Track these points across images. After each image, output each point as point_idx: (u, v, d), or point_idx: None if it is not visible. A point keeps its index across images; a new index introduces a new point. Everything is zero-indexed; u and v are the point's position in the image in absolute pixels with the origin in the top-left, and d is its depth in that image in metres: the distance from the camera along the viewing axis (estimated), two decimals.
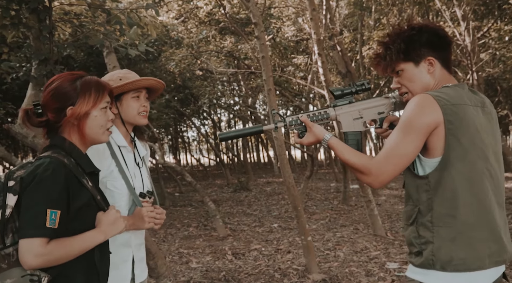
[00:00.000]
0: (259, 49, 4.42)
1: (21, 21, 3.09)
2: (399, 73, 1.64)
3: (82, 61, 8.46)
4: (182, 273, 4.83)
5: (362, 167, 1.55)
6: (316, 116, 1.77)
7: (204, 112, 18.83)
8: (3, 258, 1.38)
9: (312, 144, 1.76)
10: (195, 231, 7.43)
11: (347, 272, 4.44)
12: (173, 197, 12.29)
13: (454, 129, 1.44)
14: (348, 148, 1.66)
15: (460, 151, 1.45)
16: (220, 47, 10.69)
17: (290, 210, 8.71)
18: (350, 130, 1.75)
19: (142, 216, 1.88)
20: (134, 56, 3.43)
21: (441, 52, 1.60)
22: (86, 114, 1.55)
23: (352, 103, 1.77)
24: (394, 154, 1.49)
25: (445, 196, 1.47)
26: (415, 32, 1.59)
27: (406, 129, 1.47)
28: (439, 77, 1.60)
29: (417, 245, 1.53)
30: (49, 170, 1.41)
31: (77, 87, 1.55)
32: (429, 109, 1.44)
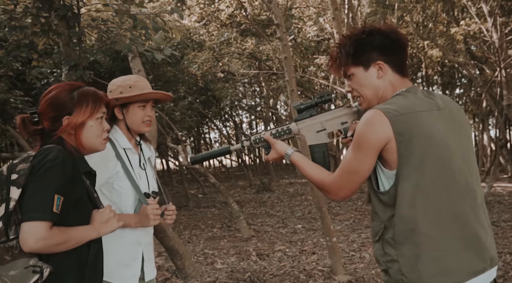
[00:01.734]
0: (282, 50, 4.43)
1: (51, 28, 3.19)
2: (351, 77, 1.59)
3: (108, 66, 8.64)
4: (207, 274, 4.87)
5: (322, 184, 1.58)
6: (279, 132, 1.80)
7: (226, 114, 18.93)
8: (6, 250, 1.42)
9: (276, 160, 1.80)
10: (219, 232, 7.48)
11: (373, 274, 4.40)
12: (197, 198, 12.40)
13: (404, 141, 1.38)
14: (309, 163, 1.67)
15: (414, 162, 1.39)
16: (242, 49, 10.74)
17: (313, 211, 8.68)
18: (314, 143, 1.74)
19: (147, 214, 1.94)
20: (160, 60, 3.50)
21: (392, 56, 1.53)
22: (82, 124, 1.60)
23: (314, 116, 1.77)
24: (348, 171, 1.50)
25: (403, 210, 1.40)
26: (365, 36, 1.53)
27: (357, 147, 1.45)
28: (391, 82, 1.54)
29: (383, 263, 1.48)
30: (58, 157, 1.47)
31: (74, 98, 1.60)
32: (377, 126, 1.40)
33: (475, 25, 9.18)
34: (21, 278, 1.41)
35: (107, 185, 1.96)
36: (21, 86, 8.04)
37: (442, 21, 11.33)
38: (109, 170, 1.96)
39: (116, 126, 2.07)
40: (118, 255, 1.95)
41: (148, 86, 2.06)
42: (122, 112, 2.03)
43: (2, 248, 1.42)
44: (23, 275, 1.41)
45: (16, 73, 7.30)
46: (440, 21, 11.15)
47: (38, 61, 5.56)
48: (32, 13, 3.24)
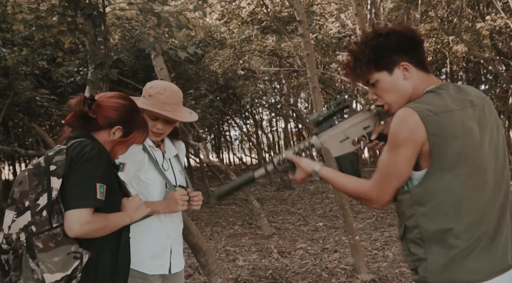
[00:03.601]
0: (304, 47, 4.40)
1: (77, 27, 3.24)
2: (375, 84, 1.52)
3: (131, 65, 8.76)
4: (229, 271, 4.89)
5: (361, 194, 1.52)
6: (302, 149, 1.72)
7: (246, 112, 18.95)
8: (51, 238, 1.49)
9: (304, 179, 1.70)
10: (241, 229, 7.50)
11: (397, 273, 4.34)
12: None
13: (438, 142, 1.34)
14: (341, 175, 1.61)
15: (446, 163, 1.35)
16: (263, 46, 10.72)
17: (334, 208, 8.61)
18: (340, 154, 1.67)
19: (176, 199, 1.98)
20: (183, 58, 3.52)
21: (413, 55, 1.49)
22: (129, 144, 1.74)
23: (334, 126, 1.69)
24: (387, 175, 1.44)
25: (431, 209, 1.37)
26: (382, 39, 1.47)
27: (394, 149, 1.40)
28: (417, 80, 1.48)
29: (410, 263, 1.46)
30: (95, 149, 1.56)
31: (135, 118, 1.72)
32: (412, 125, 1.35)
33: (501, 20, 8.93)
34: (64, 264, 1.49)
35: (135, 177, 2.01)
36: (47, 84, 8.22)
37: (467, 16, 11.07)
38: (137, 162, 2.01)
39: None
40: (149, 247, 2.01)
41: (169, 102, 2.00)
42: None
43: (47, 235, 1.50)
44: (66, 260, 1.49)
45: (41, 72, 7.46)
46: (465, 16, 10.89)
47: (63, 59, 5.67)
48: (58, 12, 3.29)
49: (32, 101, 7.68)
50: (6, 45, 6.78)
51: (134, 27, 4.19)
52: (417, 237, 1.40)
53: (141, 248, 1.97)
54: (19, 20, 4.17)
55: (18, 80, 7.25)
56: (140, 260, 1.96)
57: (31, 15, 3.51)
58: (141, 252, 1.97)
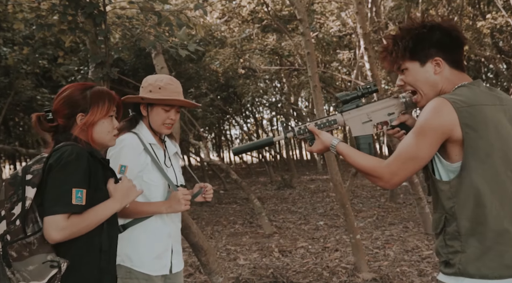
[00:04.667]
0: (304, 46, 4.39)
1: (78, 26, 3.24)
2: (404, 71, 1.57)
3: (131, 63, 8.75)
4: (230, 270, 4.89)
5: (373, 170, 1.54)
6: (324, 123, 1.76)
7: (247, 111, 18.95)
8: (24, 247, 1.50)
9: (321, 151, 1.75)
10: (241, 228, 7.50)
11: (399, 272, 4.34)
12: (218, 194, 12.47)
13: (471, 133, 1.37)
14: (357, 152, 1.64)
15: (479, 155, 1.38)
16: (263, 45, 10.71)
17: (335, 207, 8.61)
18: (360, 134, 1.72)
19: (179, 199, 1.98)
20: (184, 56, 3.51)
21: (451, 53, 1.51)
22: (96, 121, 1.70)
23: (360, 107, 1.74)
24: (405, 157, 1.46)
25: (469, 202, 1.40)
26: (426, 31, 1.51)
27: (420, 133, 1.42)
28: (449, 78, 1.52)
29: (444, 255, 1.47)
30: (73, 154, 1.55)
31: (87, 96, 1.69)
32: (444, 113, 1.38)
33: (502, 19, 8.91)
34: (40, 273, 1.49)
35: (138, 178, 2.01)
36: (47, 84, 8.22)
37: (468, 15, 11.05)
38: (140, 163, 2.01)
39: (141, 122, 2.13)
40: (152, 248, 2.01)
41: (178, 90, 2.08)
42: (147, 110, 2.09)
43: (20, 244, 1.50)
44: (41, 269, 1.49)
45: (42, 71, 7.46)
46: (466, 14, 10.87)
47: (64, 58, 5.66)
48: (59, 11, 3.29)
49: (33, 101, 7.68)
50: (6, 44, 6.78)
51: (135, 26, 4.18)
52: (455, 230, 1.43)
53: (145, 250, 1.98)
54: (19, 19, 4.16)
55: (19, 80, 7.25)
56: (144, 261, 1.96)
57: (31, 14, 3.51)
58: (144, 254, 1.97)
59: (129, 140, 2.00)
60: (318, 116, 4.37)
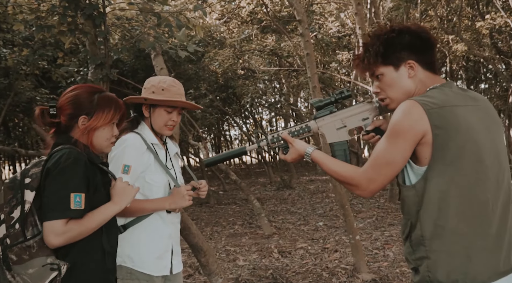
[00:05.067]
0: (304, 47, 4.39)
1: (78, 27, 3.24)
2: (379, 77, 1.55)
3: (131, 64, 8.75)
4: (230, 271, 4.89)
5: (350, 179, 1.50)
6: (297, 131, 1.74)
7: (246, 111, 18.95)
8: (24, 250, 1.50)
9: (295, 160, 1.72)
10: (241, 229, 7.50)
11: (398, 272, 4.34)
12: (217, 195, 12.47)
13: (441, 135, 1.35)
14: (332, 160, 1.61)
15: (448, 156, 1.35)
16: (262, 46, 10.72)
17: (335, 208, 8.62)
18: (335, 141, 1.70)
19: (183, 194, 1.99)
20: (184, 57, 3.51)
21: (423, 55, 1.50)
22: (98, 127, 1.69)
23: (334, 113, 1.72)
24: (381, 163, 1.43)
25: (433, 206, 1.36)
26: (395, 35, 1.50)
27: (393, 138, 1.39)
28: (423, 80, 1.50)
29: (412, 261, 1.44)
30: (70, 158, 1.55)
31: (94, 100, 1.69)
32: (415, 116, 1.35)
33: (501, 19, 8.93)
34: (40, 276, 1.50)
35: (140, 178, 2.02)
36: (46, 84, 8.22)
37: (467, 15, 11.07)
38: (143, 163, 2.02)
39: (143, 122, 2.14)
40: (154, 248, 2.02)
41: (181, 92, 2.09)
42: (149, 111, 2.09)
43: (20, 248, 1.51)
44: (42, 272, 1.50)
45: (42, 72, 7.46)
46: (465, 15, 10.90)
47: (63, 60, 5.67)
48: (58, 13, 3.29)
49: (33, 101, 7.68)
50: (6, 45, 6.78)
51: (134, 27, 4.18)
52: (419, 234, 1.40)
53: (145, 250, 1.99)
54: (19, 20, 4.17)
55: (19, 81, 7.25)
56: (145, 262, 1.97)
57: (31, 16, 3.51)
58: (145, 254, 1.98)
59: (132, 140, 2.01)
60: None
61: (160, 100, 2.02)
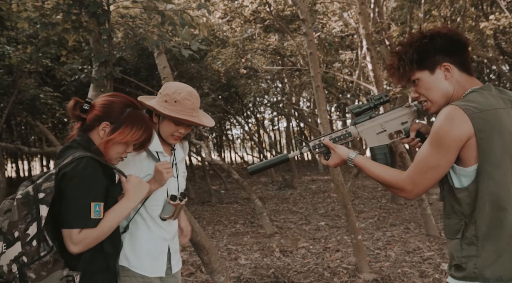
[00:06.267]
0: (307, 46, 4.39)
1: (82, 25, 3.25)
2: (416, 82, 1.60)
3: (134, 63, 8.76)
4: (231, 269, 4.89)
5: (395, 182, 1.56)
6: (339, 137, 1.79)
7: (248, 111, 18.95)
8: (42, 267, 1.49)
9: (338, 164, 1.77)
10: (242, 228, 7.50)
11: (400, 273, 4.34)
12: (219, 194, 12.48)
13: (485, 138, 1.39)
14: (376, 164, 1.66)
15: (494, 160, 1.40)
16: (265, 45, 10.71)
17: (336, 208, 8.61)
18: (375, 145, 1.75)
19: (160, 170, 1.96)
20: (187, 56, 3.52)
21: (457, 57, 1.55)
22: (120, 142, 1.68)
23: (373, 118, 1.77)
24: (425, 167, 1.48)
25: (487, 207, 1.42)
26: (427, 40, 1.55)
27: (437, 144, 1.44)
28: (460, 81, 1.54)
29: (457, 259, 1.49)
30: (88, 167, 1.55)
31: (125, 113, 1.69)
32: (458, 122, 1.40)
33: (505, 20, 8.90)
34: None
35: None
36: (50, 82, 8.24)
37: (470, 16, 11.04)
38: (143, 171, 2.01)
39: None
40: (149, 250, 2.02)
41: (194, 107, 2.02)
42: (158, 119, 2.06)
43: (38, 264, 1.49)
44: None
45: (45, 70, 7.48)
46: (468, 15, 10.87)
47: (67, 57, 5.68)
48: (63, 10, 3.30)
49: (36, 99, 7.69)
50: (10, 43, 6.80)
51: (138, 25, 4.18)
52: (473, 234, 1.45)
53: (142, 252, 2.00)
54: (23, 18, 4.18)
55: (22, 78, 7.27)
56: (140, 263, 1.98)
57: (35, 13, 3.52)
58: (140, 255, 1.99)
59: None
60: (320, 117, 4.36)
61: (166, 115, 1.96)
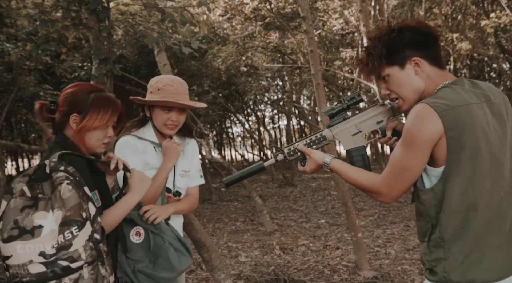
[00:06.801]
0: (308, 43, 4.38)
1: (81, 22, 3.24)
2: (386, 78, 1.54)
3: (134, 60, 8.75)
4: (232, 267, 4.90)
5: (371, 186, 1.51)
6: (313, 141, 1.74)
7: (249, 108, 18.94)
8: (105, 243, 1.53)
9: (314, 170, 1.72)
10: (243, 226, 7.51)
11: (400, 270, 4.34)
12: (220, 192, 12.48)
13: (456, 136, 1.34)
14: (352, 168, 1.61)
15: (464, 157, 1.34)
16: (266, 43, 10.69)
17: (337, 206, 8.62)
18: (352, 147, 1.70)
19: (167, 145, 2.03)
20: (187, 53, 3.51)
21: (427, 50, 1.48)
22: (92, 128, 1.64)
23: (347, 119, 1.72)
24: (399, 169, 1.42)
25: (452, 207, 1.37)
26: (395, 34, 1.48)
27: (409, 144, 1.38)
28: (431, 76, 1.48)
29: (427, 262, 1.45)
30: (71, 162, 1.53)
31: (89, 99, 1.65)
32: (428, 121, 1.34)
33: (506, 18, 8.88)
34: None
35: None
36: (50, 80, 8.23)
37: (471, 13, 11.02)
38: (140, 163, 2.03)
39: (149, 123, 2.14)
40: None
41: (179, 92, 2.04)
42: (150, 112, 2.10)
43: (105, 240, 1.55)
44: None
45: (45, 67, 7.47)
46: (469, 13, 10.84)
47: (67, 55, 5.67)
48: (62, 7, 3.29)
49: (36, 97, 7.69)
50: (10, 40, 6.78)
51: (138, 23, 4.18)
52: (439, 236, 1.40)
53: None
54: (23, 15, 4.17)
55: (22, 76, 7.26)
56: None
57: (35, 10, 3.52)
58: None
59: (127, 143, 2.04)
60: (321, 115, 4.35)
61: (148, 101, 2.02)
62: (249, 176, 1.82)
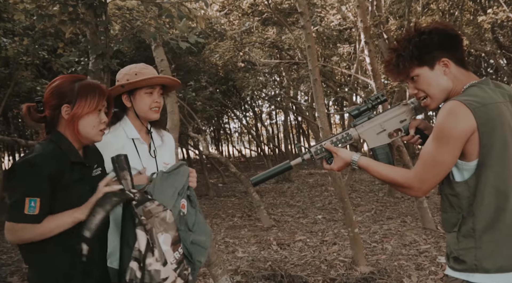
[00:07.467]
0: (305, 39, 4.38)
1: (79, 16, 3.23)
2: (414, 79, 1.61)
3: (131, 56, 8.72)
4: (229, 262, 4.91)
5: (402, 181, 1.57)
6: (339, 140, 1.80)
7: (246, 104, 18.93)
8: None
9: (342, 168, 1.77)
10: (240, 221, 7.53)
11: (396, 265, 4.37)
12: (217, 187, 12.50)
13: (487, 132, 1.42)
14: (380, 164, 1.68)
15: (495, 152, 1.43)
16: (263, 38, 10.67)
17: (334, 201, 8.64)
18: (376, 145, 1.76)
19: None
20: (185, 48, 3.50)
21: (454, 52, 1.58)
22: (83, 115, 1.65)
23: (372, 119, 1.79)
24: (431, 164, 1.49)
25: (487, 200, 1.45)
26: (426, 36, 1.57)
27: (442, 140, 1.46)
28: (457, 76, 1.57)
29: (454, 251, 1.52)
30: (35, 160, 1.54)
31: (75, 88, 1.66)
32: (462, 117, 1.42)
33: (503, 14, 8.88)
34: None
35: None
36: (47, 75, 8.20)
37: (468, 9, 11.02)
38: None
39: (125, 116, 2.07)
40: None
41: (154, 73, 2.06)
42: (130, 99, 2.04)
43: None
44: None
45: (42, 62, 7.44)
46: (466, 9, 10.85)
47: (63, 50, 5.65)
48: (59, 2, 3.28)
49: (33, 92, 7.66)
50: (7, 35, 6.75)
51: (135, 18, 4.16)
52: (471, 227, 1.48)
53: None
54: (20, 10, 4.15)
55: (19, 71, 7.23)
56: None
57: (32, 5, 3.50)
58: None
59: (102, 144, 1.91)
60: (318, 111, 4.35)
61: (137, 81, 1.96)
62: (276, 175, 1.87)
